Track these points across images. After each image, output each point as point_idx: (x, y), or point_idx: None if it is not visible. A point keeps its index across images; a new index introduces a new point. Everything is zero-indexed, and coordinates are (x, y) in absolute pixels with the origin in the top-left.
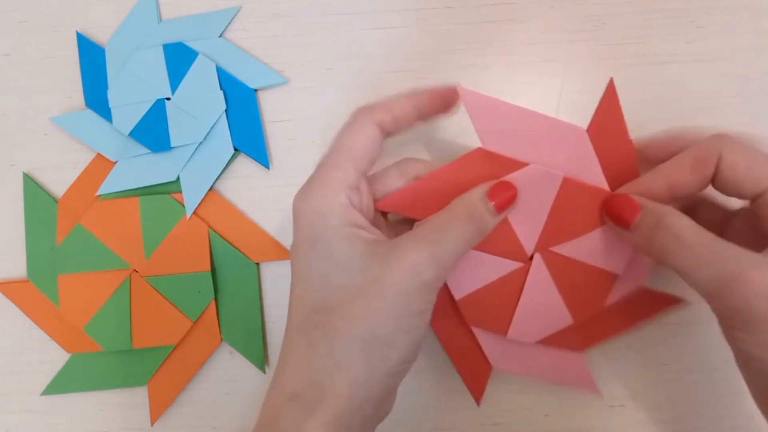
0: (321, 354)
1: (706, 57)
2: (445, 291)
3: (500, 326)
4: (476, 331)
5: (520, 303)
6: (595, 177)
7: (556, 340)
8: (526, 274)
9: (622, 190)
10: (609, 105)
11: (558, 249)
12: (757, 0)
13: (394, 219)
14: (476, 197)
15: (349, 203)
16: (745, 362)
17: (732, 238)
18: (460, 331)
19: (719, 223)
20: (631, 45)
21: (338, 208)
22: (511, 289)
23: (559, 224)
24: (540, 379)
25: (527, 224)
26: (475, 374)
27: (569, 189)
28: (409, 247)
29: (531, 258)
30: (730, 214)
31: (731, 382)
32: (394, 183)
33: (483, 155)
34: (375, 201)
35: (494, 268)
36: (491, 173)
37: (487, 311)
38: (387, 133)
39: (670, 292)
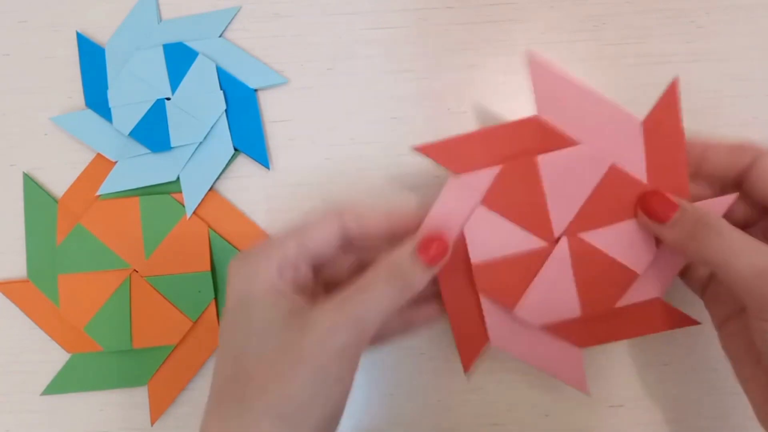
0: (232, 426)
1: (706, 57)
2: (463, 251)
3: (509, 300)
4: (483, 301)
5: (534, 282)
6: (638, 169)
7: (560, 330)
8: (548, 254)
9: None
10: (668, 103)
11: (585, 236)
12: (757, 0)
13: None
14: (402, 255)
15: (278, 275)
16: None
17: None
18: (467, 297)
19: None
20: (631, 45)
21: (266, 275)
22: (529, 265)
23: (594, 210)
24: (533, 366)
25: (563, 205)
26: (469, 342)
27: (612, 177)
28: (326, 310)
29: (557, 240)
30: None
31: (731, 382)
32: (338, 259)
33: (536, 124)
34: (415, 147)
35: (518, 241)
36: (539, 144)
37: (500, 282)
38: (349, 237)
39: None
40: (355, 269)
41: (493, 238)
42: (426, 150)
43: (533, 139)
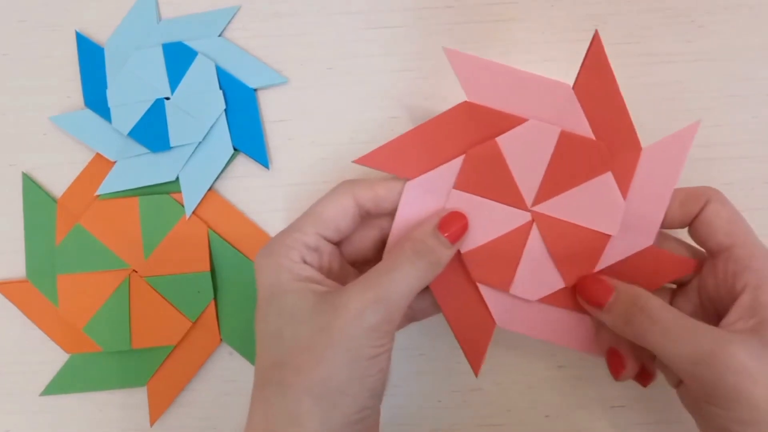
0: (276, 410)
1: (706, 57)
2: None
3: (503, 281)
4: (482, 287)
5: (521, 260)
6: (583, 132)
7: (565, 301)
8: (529, 230)
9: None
10: (595, 60)
11: (550, 209)
12: (757, 0)
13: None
14: (425, 232)
15: (301, 261)
16: None
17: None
18: (462, 291)
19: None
20: (631, 45)
21: (290, 265)
22: (514, 244)
23: (557, 177)
24: (543, 339)
25: (527, 179)
26: (474, 338)
27: (566, 141)
28: (355, 291)
29: (533, 211)
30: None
31: None
32: (360, 235)
33: (469, 109)
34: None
35: (498, 216)
36: (476, 128)
37: (491, 266)
38: (365, 209)
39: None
40: (379, 245)
41: (475, 220)
42: (367, 161)
43: (469, 124)
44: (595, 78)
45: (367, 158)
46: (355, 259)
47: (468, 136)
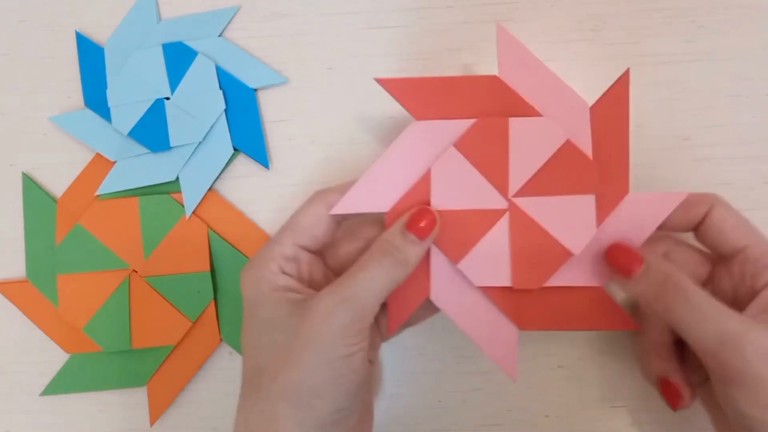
0: (254, 414)
1: (706, 57)
2: (419, 199)
3: (456, 253)
4: (433, 255)
5: (481, 241)
6: (584, 150)
7: (500, 300)
8: (500, 216)
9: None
10: (617, 94)
11: (527, 207)
12: (757, 0)
13: None
14: (393, 232)
15: (279, 272)
16: (736, 422)
17: None
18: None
19: None
20: (631, 45)
21: (268, 276)
22: (481, 223)
23: (546, 179)
24: (463, 330)
25: (520, 168)
26: (402, 297)
27: (565, 151)
28: (324, 294)
29: (511, 201)
30: None
31: None
32: (345, 247)
33: (496, 83)
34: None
35: (479, 193)
36: (496, 103)
37: (452, 233)
38: (341, 215)
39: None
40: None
41: (458, 184)
42: (388, 84)
43: (490, 96)
44: (612, 109)
45: (389, 82)
46: (341, 270)
47: (485, 106)
